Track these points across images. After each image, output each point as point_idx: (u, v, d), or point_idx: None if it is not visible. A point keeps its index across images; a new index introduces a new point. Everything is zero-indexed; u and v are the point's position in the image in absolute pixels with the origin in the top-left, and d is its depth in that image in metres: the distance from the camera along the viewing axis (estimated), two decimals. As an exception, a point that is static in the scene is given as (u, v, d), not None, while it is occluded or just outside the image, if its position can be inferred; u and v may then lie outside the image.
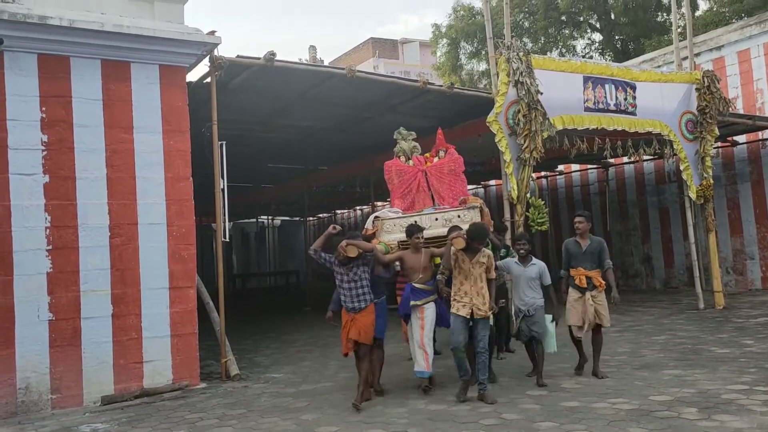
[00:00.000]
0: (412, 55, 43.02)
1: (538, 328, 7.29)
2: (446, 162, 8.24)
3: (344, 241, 6.69)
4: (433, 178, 8.16)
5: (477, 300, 6.62)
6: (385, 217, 7.76)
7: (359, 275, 6.79)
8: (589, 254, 7.43)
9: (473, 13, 26.30)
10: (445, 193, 8.07)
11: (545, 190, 19.63)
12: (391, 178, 8.35)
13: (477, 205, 7.61)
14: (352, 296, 6.80)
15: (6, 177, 7.03)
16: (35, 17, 7.11)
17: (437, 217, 7.62)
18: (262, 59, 8.65)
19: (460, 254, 6.68)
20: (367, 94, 11.01)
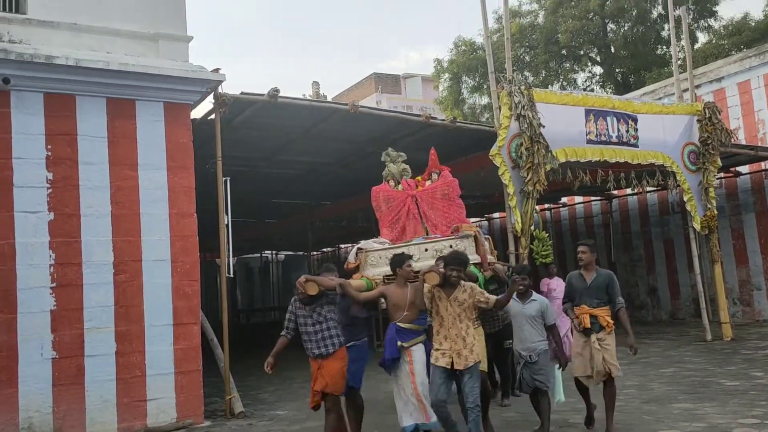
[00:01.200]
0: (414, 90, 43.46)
1: (543, 377, 6.24)
2: (439, 186, 7.49)
3: (303, 277, 5.83)
4: (424, 203, 7.39)
5: (459, 345, 5.59)
6: (369, 249, 6.94)
7: (324, 316, 5.86)
8: (594, 289, 6.30)
9: (474, 47, 26.62)
10: (438, 221, 7.28)
11: (549, 223, 19.62)
12: (378, 205, 7.63)
13: (471, 234, 6.86)
14: (317, 340, 5.84)
15: (11, 215, 7.06)
16: (42, 57, 7.22)
17: (427, 248, 6.79)
18: (266, 96, 8.74)
19: (436, 291, 5.69)
20: (369, 129, 11.08)
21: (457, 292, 5.65)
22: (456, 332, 5.61)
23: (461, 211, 7.43)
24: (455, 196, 7.46)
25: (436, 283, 5.61)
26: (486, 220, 21.68)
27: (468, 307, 5.67)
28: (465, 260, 5.77)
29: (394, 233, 7.34)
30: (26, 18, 7.60)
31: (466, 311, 5.68)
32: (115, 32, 7.99)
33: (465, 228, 7.02)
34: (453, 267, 5.62)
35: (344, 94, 42.84)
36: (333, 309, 5.94)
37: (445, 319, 5.66)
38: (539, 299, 6.43)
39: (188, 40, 8.42)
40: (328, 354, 5.84)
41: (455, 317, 5.64)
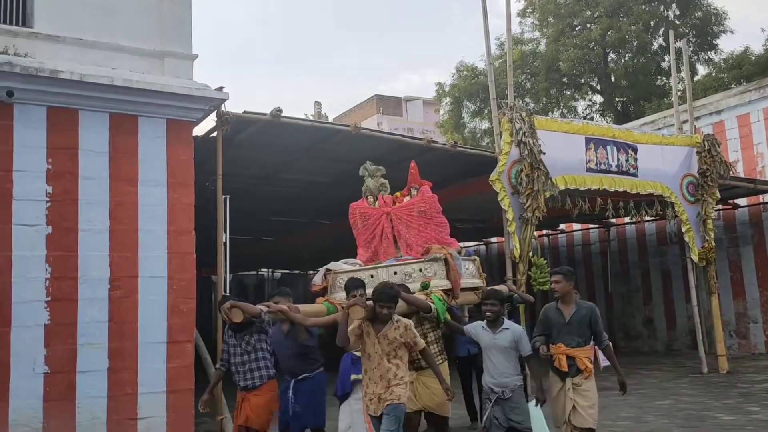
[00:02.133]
0: (415, 113, 43.66)
1: (519, 417, 5.44)
2: (416, 202, 6.92)
3: (228, 302, 5.44)
4: (399, 221, 6.86)
5: (380, 388, 4.97)
6: (337, 270, 6.57)
7: (253, 345, 5.56)
8: (575, 325, 5.47)
9: (476, 72, 26.80)
10: (414, 240, 6.74)
11: (547, 249, 19.61)
12: (355, 223, 7.17)
13: (440, 256, 6.30)
14: (244, 371, 5.58)
15: (9, 227, 7.03)
16: (47, 71, 7.24)
17: (396, 271, 6.35)
18: (268, 115, 8.77)
19: (365, 326, 5.06)
20: (370, 150, 11.08)
21: (388, 329, 5.01)
22: (381, 373, 4.96)
23: (441, 231, 6.89)
24: (434, 213, 6.91)
25: (360, 317, 4.99)
26: (483, 245, 21.67)
27: (398, 346, 5.01)
28: (393, 295, 5.06)
29: (368, 253, 6.87)
30: (32, 32, 7.64)
31: (397, 351, 5.02)
32: (121, 48, 8.03)
33: (435, 250, 6.40)
34: (381, 303, 4.97)
35: (346, 115, 43.03)
36: (263, 338, 5.62)
37: (372, 358, 5.02)
38: (512, 327, 5.67)
39: (193, 58, 8.46)
40: (254, 387, 5.57)
41: (382, 356, 4.99)
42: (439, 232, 6.89)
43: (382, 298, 4.98)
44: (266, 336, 5.63)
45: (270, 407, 5.62)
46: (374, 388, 5.00)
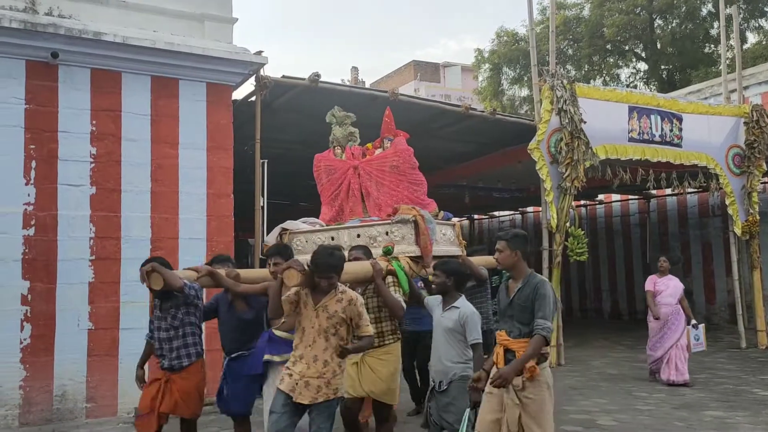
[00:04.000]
0: (453, 79, 43.14)
1: (448, 416, 4.55)
2: (388, 155, 6.00)
3: (149, 265, 4.57)
4: (367, 177, 5.98)
5: (311, 371, 4.16)
6: (295, 230, 5.81)
7: (181, 319, 4.79)
8: (516, 308, 4.24)
9: (516, 38, 26.28)
10: (383, 199, 5.88)
11: (585, 220, 19.36)
12: (319, 177, 6.35)
13: (409, 218, 5.40)
14: (170, 349, 4.80)
15: (55, 187, 7.21)
16: (90, 33, 7.32)
17: (359, 233, 5.55)
18: (306, 80, 8.76)
19: (303, 294, 4.25)
20: (407, 117, 11.00)
21: (329, 300, 4.22)
22: (315, 353, 4.17)
23: (416, 189, 5.94)
24: (408, 169, 5.94)
25: (295, 283, 4.16)
26: (520, 214, 21.50)
27: (339, 323, 4.20)
28: (335, 265, 4.20)
29: (331, 212, 6.04)
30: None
31: (337, 328, 4.20)
32: (162, 11, 8.05)
33: (403, 210, 5.41)
34: (319, 274, 4.16)
35: (382, 81, 42.73)
36: (192, 311, 4.84)
37: (306, 333, 4.23)
38: (463, 307, 4.74)
39: (233, 21, 8.46)
40: (181, 367, 4.79)
41: (319, 332, 4.20)
42: (414, 190, 5.90)
43: (319, 267, 4.15)
44: (196, 309, 4.87)
45: (200, 391, 4.92)
46: (303, 368, 4.16)
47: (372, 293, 5.08)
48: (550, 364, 4.37)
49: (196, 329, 4.91)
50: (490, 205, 20.20)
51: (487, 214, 22.97)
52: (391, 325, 5.13)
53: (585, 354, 11.61)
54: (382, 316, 5.08)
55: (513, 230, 4.60)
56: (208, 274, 4.89)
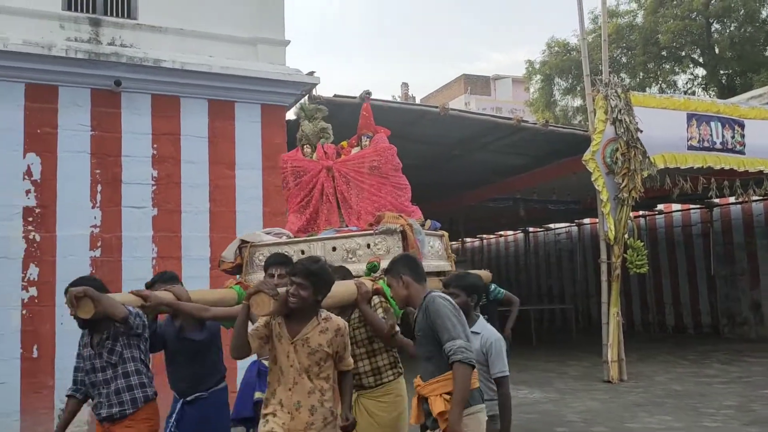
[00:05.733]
0: (504, 92, 42.87)
1: None
2: (367, 155, 5.13)
3: (79, 288, 3.45)
4: (342, 180, 5.09)
5: (296, 422, 3.30)
6: (256, 243, 4.86)
7: (120, 354, 3.72)
8: (420, 341, 3.44)
9: (568, 48, 25.98)
10: (363, 205, 4.99)
11: (644, 231, 18.87)
12: (286, 180, 5.41)
13: (396, 228, 4.50)
14: (108, 394, 3.70)
15: (119, 209, 7.49)
16: (150, 60, 7.62)
17: (335, 246, 4.64)
18: (357, 98, 8.86)
19: (276, 324, 3.37)
20: (458, 131, 11.03)
21: (310, 331, 3.34)
22: (298, 399, 3.29)
23: (400, 194, 5.09)
24: (390, 170, 5.07)
25: (267, 312, 3.27)
26: (576, 226, 21.13)
27: (324, 358, 3.34)
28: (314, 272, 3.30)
29: (300, 221, 5.12)
30: (137, 23, 8.03)
31: (322, 365, 3.34)
32: (218, 37, 8.31)
33: (389, 219, 4.52)
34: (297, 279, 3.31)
35: (433, 96, 42.81)
36: (135, 343, 3.77)
37: (285, 373, 3.34)
38: (484, 331, 3.90)
39: (285, 44, 8.66)
40: (124, 415, 3.71)
41: (300, 372, 3.31)
42: (398, 196, 5.04)
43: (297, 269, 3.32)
44: (139, 340, 3.79)
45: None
46: (286, 420, 3.30)
47: (359, 322, 4.03)
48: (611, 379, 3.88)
49: (142, 366, 3.79)
50: (546, 218, 19.93)
51: (542, 227, 22.65)
52: (389, 358, 4.08)
53: (648, 369, 11.27)
54: (376, 348, 4.04)
55: (393, 257, 3.83)
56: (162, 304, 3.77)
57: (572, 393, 9.28)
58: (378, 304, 4.12)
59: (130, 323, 3.65)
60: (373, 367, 4.04)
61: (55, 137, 7.32)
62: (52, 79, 7.33)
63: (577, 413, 8.00)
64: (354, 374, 3.81)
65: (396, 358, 4.16)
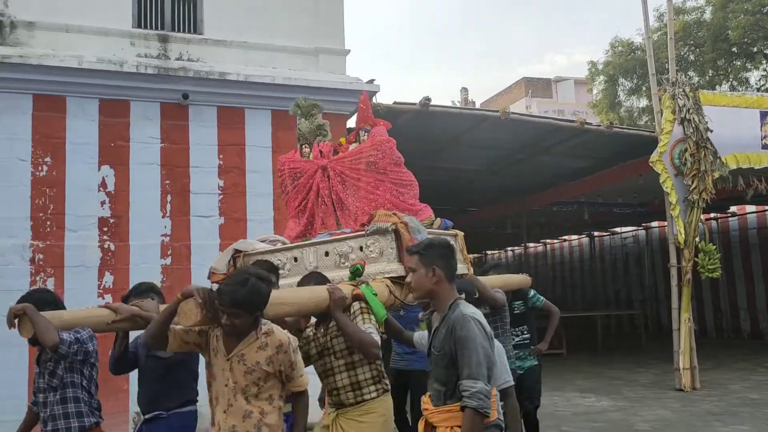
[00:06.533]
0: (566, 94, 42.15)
1: None
2: (364, 149, 4.64)
3: (21, 306, 3.25)
4: (338, 179, 4.66)
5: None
6: (249, 252, 4.57)
7: (61, 378, 3.51)
8: (434, 357, 3.04)
9: (632, 48, 25.32)
10: (360, 206, 4.54)
11: (716, 234, 18.18)
12: (284, 183, 5.10)
13: (387, 227, 4.06)
14: (45, 418, 3.54)
15: (188, 219, 7.74)
16: (216, 74, 7.86)
17: (327, 251, 4.28)
18: (417, 105, 8.91)
19: (213, 336, 3.09)
20: (520, 135, 10.92)
21: (246, 347, 3.00)
22: (233, 423, 2.97)
23: (402, 191, 4.63)
24: (389, 165, 4.58)
25: (193, 322, 2.96)
26: (643, 230, 20.56)
27: (262, 378, 2.99)
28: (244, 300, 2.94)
29: (299, 227, 4.79)
30: (203, 38, 8.30)
31: (260, 385, 2.99)
32: (280, 48, 8.50)
33: (380, 217, 4.09)
34: (223, 309, 2.95)
35: (493, 100, 42.47)
36: (79, 369, 3.53)
37: (220, 393, 3.04)
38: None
39: (345, 53, 8.78)
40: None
41: (235, 392, 3.00)
42: (399, 193, 4.58)
43: (222, 298, 2.96)
44: (83, 365, 3.54)
45: None
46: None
47: (337, 331, 3.64)
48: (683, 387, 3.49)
49: (83, 393, 3.57)
50: (611, 221, 19.46)
51: (608, 231, 22.13)
52: (371, 372, 3.64)
53: (723, 377, 10.84)
54: (357, 360, 3.62)
55: (429, 238, 3.44)
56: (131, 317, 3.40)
57: (642, 401, 9.01)
58: (358, 311, 3.67)
59: (60, 353, 3.34)
60: (353, 382, 3.61)
61: (127, 150, 7.64)
62: (124, 94, 7.66)
63: (647, 422, 7.77)
64: (332, 389, 3.61)
65: (380, 372, 3.70)
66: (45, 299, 3.53)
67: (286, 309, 3.41)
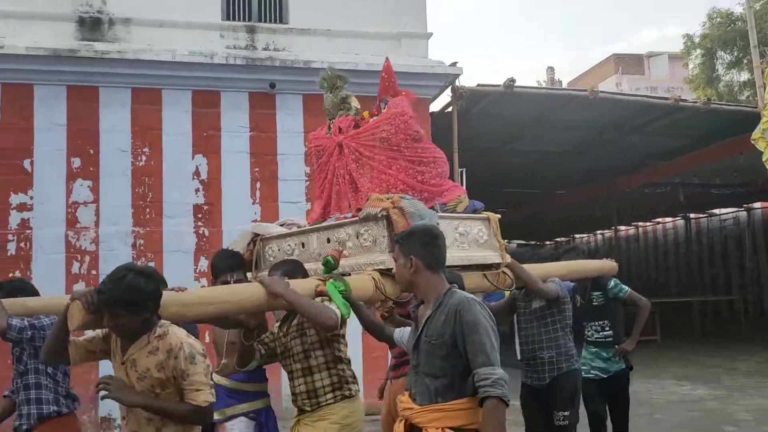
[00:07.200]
0: (658, 70, 40.32)
1: None
2: (380, 124, 4.07)
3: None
4: (353, 157, 4.16)
5: None
6: (266, 235, 4.30)
7: (26, 364, 3.56)
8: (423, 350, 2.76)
9: (732, 18, 23.89)
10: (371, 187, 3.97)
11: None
12: (311, 162, 4.85)
13: (376, 212, 3.57)
14: (18, 403, 3.61)
15: (276, 205, 7.97)
16: (301, 62, 8.01)
17: (329, 238, 3.93)
18: (501, 86, 8.76)
19: (114, 340, 2.84)
20: (609, 114, 10.54)
21: (136, 351, 2.74)
22: (135, 428, 2.80)
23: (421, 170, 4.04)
24: (403, 141, 4.02)
25: (76, 325, 2.67)
26: (744, 211, 19.47)
27: (155, 384, 2.71)
28: (117, 298, 2.62)
29: (320, 208, 4.43)
30: (288, 27, 8.47)
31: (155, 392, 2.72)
32: (363, 35, 8.56)
33: (372, 201, 3.65)
34: (106, 309, 2.64)
35: (581, 78, 41.17)
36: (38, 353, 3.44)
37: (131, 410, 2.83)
38: None
39: (428, 36, 8.74)
40: (28, 429, 3.54)
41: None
42: (417, 172, 4.03)
43: (100, 296, 2.65)
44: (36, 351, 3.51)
45: None
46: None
47: (296, 331, 3.40)
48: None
49: (47, 380, 3.56)
50: (709, 203, 18.53)
51: (705, 213, 21.08)
52: (330, 378, 3.39)
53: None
54: (314, 365, 3.37)
55: (414, 226, 3.14)
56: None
57: (742, 390, 8.60)
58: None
59: (9, 338, 3.37)
60: (309, 389, 3.37)
61: (218, 139, 7.94)
62: (215, 85, 7.94)
63: (749, 412, 7.42)
64: (293, 394, 3.41)
65: (342, 378, 3.41)
66: (17, 287, 3.63)
67: (211, 309, 3.04)
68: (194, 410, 2.67)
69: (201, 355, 2.70)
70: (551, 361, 4.32)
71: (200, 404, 2.66)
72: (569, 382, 4.32)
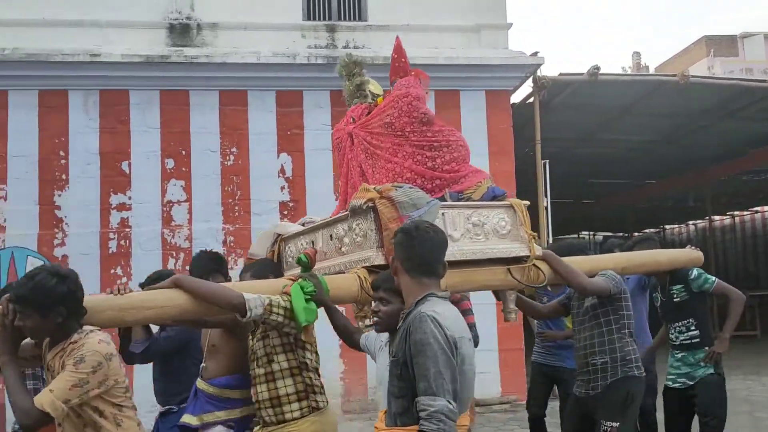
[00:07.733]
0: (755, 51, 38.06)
1: None
2: (384, 108, 3.77)
3: None
4: (362, 147, 3.86)
5: None
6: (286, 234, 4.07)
7: None
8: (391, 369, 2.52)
9: (837, -8, 22.29)
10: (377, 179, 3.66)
11: None
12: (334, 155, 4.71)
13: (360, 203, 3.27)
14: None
15: (358, 200, 8.07)
16: (380, 59, 7.99)
17: (332, 234, 3.67)
18: (585, 74, 8.54)
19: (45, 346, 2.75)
20: (701, 100, 10.09)
21: (52, 357, 2.64)
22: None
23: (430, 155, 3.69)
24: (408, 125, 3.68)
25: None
26: None
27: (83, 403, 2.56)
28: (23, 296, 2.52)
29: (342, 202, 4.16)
30: (367, 24, 8.55)
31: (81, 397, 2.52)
32: (442, 28, 8.53)
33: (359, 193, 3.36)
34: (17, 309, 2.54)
35: (669, 63, 39.39)
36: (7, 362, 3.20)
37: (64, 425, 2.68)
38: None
39: (508, 27, 8.62)
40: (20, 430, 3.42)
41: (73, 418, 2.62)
42: (426, 158, 3.68)
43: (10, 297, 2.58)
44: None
45: None
46: None
47: (260, 334, 3.21)
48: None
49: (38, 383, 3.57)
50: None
51: (810, 202, 19.84)
52: (296, 386, 3.15)
53: None
54: (276, 370, 3.15)
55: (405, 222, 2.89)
56: None
57: None
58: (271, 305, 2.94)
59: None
60: (272, 396, 3.14)
61: (302, 138, 8.13)
62: (297, 84, 8.13)
63: None
64: (255, 401, 3.19)
65: (309, 386, 3.16)
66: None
67: (149, 314, 2.85)
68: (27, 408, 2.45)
69: (94, 366, 2.49)
70: (604, 367, 3.74)
71: (35, 402, 2.43)
72: (623, 388, 3.73)
